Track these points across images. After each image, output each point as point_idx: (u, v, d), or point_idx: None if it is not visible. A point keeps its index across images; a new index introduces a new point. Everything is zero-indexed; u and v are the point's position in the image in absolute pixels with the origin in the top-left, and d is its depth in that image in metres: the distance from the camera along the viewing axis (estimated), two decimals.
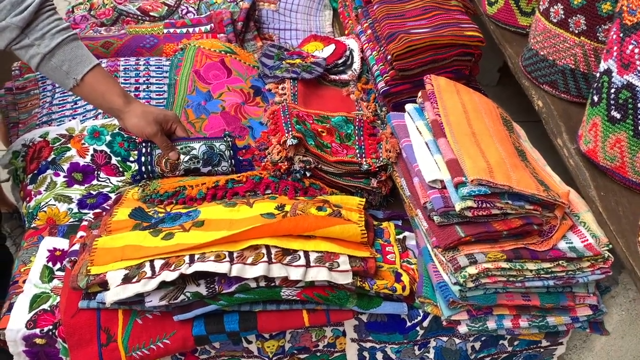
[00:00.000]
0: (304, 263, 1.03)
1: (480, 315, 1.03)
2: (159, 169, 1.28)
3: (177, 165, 1.28)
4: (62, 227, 1.26)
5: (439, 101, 1.19)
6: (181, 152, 1.28)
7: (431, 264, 1.07)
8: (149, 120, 1.23)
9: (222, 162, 1.29)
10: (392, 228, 1.23)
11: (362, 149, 1.30)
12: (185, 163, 1.27)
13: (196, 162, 1.28)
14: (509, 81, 2.31)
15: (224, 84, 1.55)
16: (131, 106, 1.23)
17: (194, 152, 1.28)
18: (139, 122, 1.22)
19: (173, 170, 1.28)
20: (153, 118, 1.23)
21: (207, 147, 1.29)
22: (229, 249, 1.04)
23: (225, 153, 1.30)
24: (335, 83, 1.61)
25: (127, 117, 1.23)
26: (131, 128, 1.25)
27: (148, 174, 1.28)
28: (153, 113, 1.25)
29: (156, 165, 1.28)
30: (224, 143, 1.31)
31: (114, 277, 1.03)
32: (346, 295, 1.04)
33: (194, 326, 1.05)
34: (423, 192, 1.08)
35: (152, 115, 1.24)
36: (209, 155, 1.28)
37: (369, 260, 1.06)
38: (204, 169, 1.29)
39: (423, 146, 1.16)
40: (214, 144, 1.29)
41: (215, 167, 1.29)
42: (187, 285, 1.03)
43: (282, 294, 1.03)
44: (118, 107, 1.22)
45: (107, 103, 1.22)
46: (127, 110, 1.23)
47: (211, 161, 1.28)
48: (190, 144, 1.29)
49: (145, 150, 1.28)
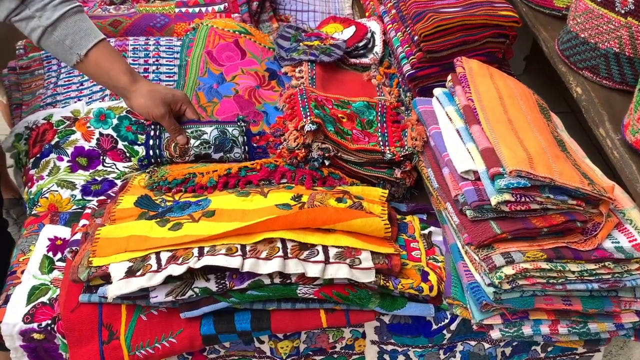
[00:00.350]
0: (322, 259, 0.94)
1: (515, 320, 0.94)
2: (168, 153, 1.20)
3: (186, 150, 1.20)
4: (64, 214, 1.19)
5: (471, 85, 1.09)
6: (191, 137, 1.20)
7: (461, 263, 0.98)
8: (157, 100, 1.15)
9: (235, 149, 1.21)
10: (416, 222, 1.14)
11: (385, 136, 1.21)
12: (196, 148, 1.19)
13: (207, 147, 1.20)
14: (535, 69, 2.21)
15: (238, 66, 1.46)
16: (138, 85, 1.15)
17: (205, 137, 1.20)
18: (146, 103, 1.15)
19: (182, 156, 1.20)
20: (161, 98, 1.16)
21: (219, 132, 1.21)
22: (242, 241, 0.95)
23: (238, 139, 1.22)
24: (356, 67, 1.52)
25: (134, 96, 1.15)
26: (137, 109, 1.17)
27: (156, 158, 1.21)
28: (161, 93, 1.17)
29: (165, 150, 1.20)
30: (237, 128, 1.22)
31: (117, 270, 0.95)
32: (368, 295, 0.96)
33: (203, 325, 0.97)
34: (454, 183, 0.99)
35: (159, 95, 1.16)
36: (221, 140, 1.20)
37: (394, 257, 0.97)
38: (215, 155, 1.21)
39: (454, 134, 1.06)
40: (226, 129, 1.22)
41: (227, 154, 1.20)
42: (196, 280, 0.95)
43: (299, 292, 0.95)
44: (124, 86, 1.15)
45: (112, 81, 1.15)
46: (133, 90, 1.15)
47: (223, 147, 1.20)
48: (201, 128, 1.21)
49: (154, 134, 1.21)
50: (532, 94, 1.18)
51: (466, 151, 1.01)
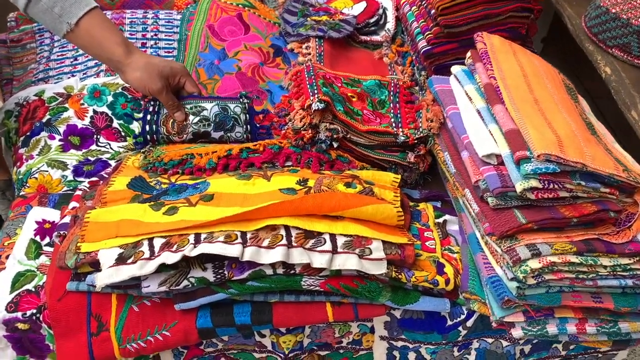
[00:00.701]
0: (329, 248, 0.86)
1: (539, 318, 0.86)
2: (165, 129, 1.13)
3: (185, 127, 1.12)
4: (53, 196, 1.11)
5: (493, 62, 1.00)
6: (190, 113, 1.13)
7: (480, 255, 0.90)
8: (153, 74, 1.07)
9: (237, 127, 1.13)
10: (430, 210, 1.06)
11: (398, 117, 1.12)
12: (194, 125, 1.12)
13: (207, 124, 1.12)
14: (554, 52, 2.11)
15: (241, 42, 1.38)
16: (133, 57, 1.08)
17: (205, 113, 1.12)
18: (142, 77, 1.07)
19: (180, 133, 1.13)
20: (158, 72, 1.08)
21: (219, 109, 1.13)
22: (242, 228, 0.88)
23: (240, 117, 1.14)
24: (366, 45, 1.43)
25: (129, 70, 1.08)
26: (133, 83, 1.10)
27: (152, 134, 1.13)
28: (158, 65, 1.09)
29: (162, 125, 1.13)
30: (239, 105, 1.15)
31: (107, 257, 0.88)
32: (378, 288, 0.88)
33: (199, 317, 0.90)
34: (474, 168, 0.91)
35: (156, 68, 1.08)
36: (222, 118, 1.12)
37: (407, 247, 0.89)
38: (215, 134, 1.13)
39: (474, 114, 0.98)
40: (227, 105, 1.14)
41: (228, 133, 1.12)
42: (192, 269, 0.87)
43: (303, 284, 0.87)
44: (118, 59, 1.07)
45: (105, 53, 1.07)
46: (128, 62, 1.07)
47: (224, 125, 1.12)
48: (201, 104, 1.13)
49: (153, 109, 1.14)
50: (558, 73, 1.09)
51: (488, 133, 0.92)
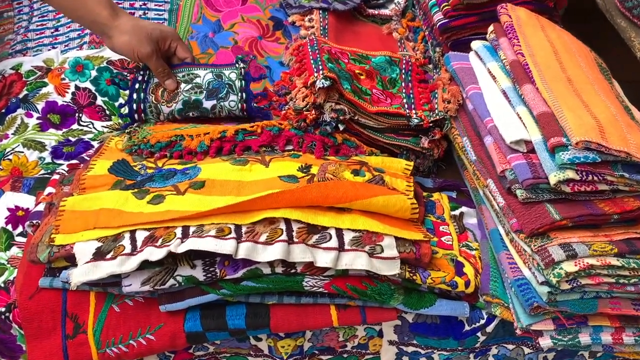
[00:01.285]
0: (335, 245, 0.76)
1: (571, 326, 0.76)
2: (154, 97, 1.03)
3: (175, 96, 1.03)
4: (28, 180, 1.00)
5: (520, 37, 0.90)
6: (182, 81, 1.03)
7: (504, 253, 0.80)
8: (142, 37, 0.98)
9: (230, 95, 1.03)
10: (445, 201, 0.95)
11: (410, 98, 1.01)
12: (185, 93, 1.02)
13: (198, 92, 1.02)
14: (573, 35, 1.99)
15: (237, 13, 1.26)
16: (120, 19, 0.98)
17: (198, 81, 1.03)
18: (130, 40, 0.97)
19: (170, 101, 1.03)
20: (147, 35, 0.99)
21: (214, 76, 1.04)
22: (236, 221, 0.77)
23: (235, 83, 1.04)
24: (374, 19, 1.31)
25: (115, 33, 0.98)
26: (120, 48, 1.00)
27: (139, 102, 1.03)
28: (147, 28, 1.00)
29: (150, 94, 1.03)
30: (234, 71, 1.05)
31: (83, 251, 0.78)
32: (390, 290, 0.78)
33: (187, 319, 0.80)
34: (500, 156, 0.80)
35: (145, 32, 0.99)
36: (215, 85, 1.03)
37: (423, 244, 0.79)
38: (207, 103, 1.02)
39: (498, 95, 0.87)
40: (222, 72, 1.05)
41: (221, 101, 1.02)
42: (179, 266, 0.77)
43: (305, 285, 0.77)
44: (103, 21, 0.97)
45: (89, 15, 0.97)
46: (114, 25, 0.97)
47: (217, 93, 1.02)
48: (194, 71, 1.04)
49: (142, 78, 1.05)
50: (590, 51, 0.98)
51: (516, 116, 0.82)
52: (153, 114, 1.04)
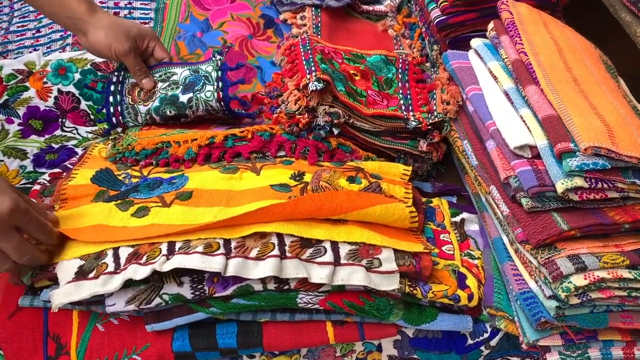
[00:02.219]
0: (331, 259, 0.72)
1: (580, 341, 0.73)
2: (131, 98, 0.99)
3: (152, 95, 0.98)
4: None
5: (522, 34, 0.85)
6: (159, 80, 0.99)
7: (509, 264, 0.76)
8: (120, 34, 0.94)
9: (206, 86, 0.98)
10: (445, 207, 0.91)
11: (407, 99, 0.97)
12: (162, 90, 0.98)
13: (175, 88, 0.98)
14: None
15: (227, 11, 1.21)
16: (97, 15, 0.95)
17: (175, 78, 0.99)
18: (107, 37, 0.93)
19: (147, 100, 0.98)
20: (124, 32, 0.95)
21: (191, 72, 1.00)
22: (225, 235, 0.73)
23: (211, 75, 0.99)
24: (368, 15, 1.27)
25: (91, 29, 0.94)
26: (96, 45, 0.95)
27: (116, 104, 0.99)
28: (124, 25, 0.96)
29: (127, 95, 0.99)
30: (211, 64, 1.01)
31: (66, 270, 0.73)
32: (389, 305, 0.74)
33: (175, 339, 0.75)
34: (503, 162, 0.76)
35: (123, 29, 0.95)
36: (192, 79, 0.99)
37: (423, 256, 0.75)
38: (184, 96, 0.97)
39: (500, 97, 0.83)
40: (199, 67, 1.01)
41: (197, 93, 0.97)
42: (165, 283, 0.73)
43: (299, 302, 0.73)
44: (79, 16, 0.93)
45: (64, 10, 0.93)
46: (90, 21, 0.93)
47: (194, 86, 0.98)
48: (171, 70, 1.00)
49: (117, 79, 1.00)
50: (595, 47, 0.94)
51: (519, 120, 0.78)
52: (131, 116, 0.99)
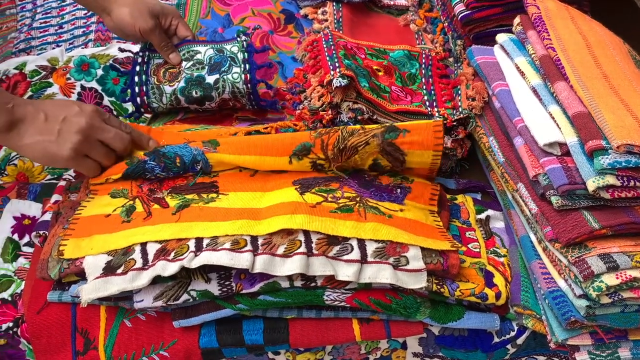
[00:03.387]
0: (357, 257, 0.72)
1: (611, 341, 0.72)
2: (156, 79, 0.99)
3: (177, 75, 0.98)
4: (34, 186, 0.97)
5: (550, 30, 0.84)
6: (183, 59, 0.99)
7: (537, 262, 0.76)
8: (143, 11, 0.95)
9: (233, 68, 0.98)
10: (470, 204, 0.91)
11: (432, 94, 0.96)
12: (187, 70, 0.98)
13: (200, 68, 0.98)
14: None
15: (248, 6, 1.21)
16: None
17: (199, 57, 0.99)
18: (132, 13, 0.94)
19: (172, 80, 0.98)
20: (148, 9, 0.96)
21: (215, 51, 0.99)
22: (251, 231, 0.73)
23: (237, 56, 0.99)
24: (389, 9, 1.26)
25: (115, 8, 0.94)
26: (121, 22, 0.95)
27: (141, 84, 0.99)
28: (147, 3, 0.97)
29: (152, 75, 0.99)
30: (235, 44, 1.00)
31: (93, 265, 0.74)
32: (416, 304, 0.74)
33: (202, 335, 0.76)
34: (532, 159, 0.75)
35: (146, 6, 0.96)
36: (217, 59, 0.98)
37: (450, 254, 0.74)
38: (210, 77, 0.97)
39: (528, 93, 0.82)
40: (224, 47, 1.00)
41: (224, 75, 0.97)
42: (193, 280, 0.73)
43: (326, 299, 0.73)
44: None
45: None
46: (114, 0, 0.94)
47: (219, 67, 0.97)
48: (194, 48, 1.00)
49: (142, 60, 1.00)
50: (623, 42, 0.92)
51: (548, 116, 0.77)
52: (156, 96, 0.98)
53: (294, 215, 0.74)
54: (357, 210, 0.77)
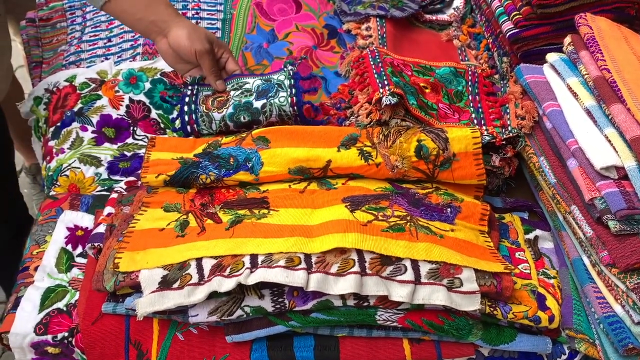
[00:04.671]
0: (411, 278, 0.72)
1: None
2: (205, 107, 1.01)
3: (225, 102, 1.00)
4: (86, 197, 0.99)
5: (603, 50, 0.83)
6: (232, 89, 1.02)
7: (591, 286, 0.75)
8: (200, 35, 0.98)
9: (280, 93, 1.00)
10: (518, 223, 0.90)
11: (479, 112, 0.96)
12: (235, 97, 1.00)
13: (248, 95, 1.00)
14: None
15: (292, 22, 1.22)
16: (180, 18, 1.00)
17: (247, 87, 1.01)
18: (189, 35, 0.97)
19: (220, 107, 1.00)
20: (205, 34, 1.00)
21: (262, 81, 1.02)
22: (305, 249, 0.74)
23: (284, 82, 1.01)
24: (431, 25, 1.26)
25: (174, 28, 0.97)
26: (177, 40, 0.98)
27: (190, 112, 1.01)
28: (204, 31, 1.01)
29: (201, 104, 1.01)
30: (283, 73, 1.03)
31: (149, 279, 0.75)
32: (468, 325, 0.74)
33: (254, 350, 0.77)
34: (588, 182, 0.75)
35: (203, 32, 1.00)
36: (265, 87, 1.01)
37: (504, 276, 0.74)
38: (258, 102, 0.98)
39: (581, 114, 0.81)
40: (271, 77, 1.03)
41: (270, 99, 0.98)
42: (247, 296, 0.74)
43: (378, 319, 0.73)
44: (164, 18, 0.97)
45: (150, 14, 0.97)
46: (175, 21, 0.98)
47: (267, 93, 0.99)
48: (243, 79, 1.03)
49: (191, 92, 1.04)
50: None
51: (604, 139, 0.76)
52: (205, 123, 1.01)
53: (346, 234, 0.75)
54: (409, 230, 0.78)
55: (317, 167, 0.86)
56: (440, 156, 0.84)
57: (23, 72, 2.14)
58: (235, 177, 0.86)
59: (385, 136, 0.85)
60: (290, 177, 0.87)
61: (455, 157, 0.84)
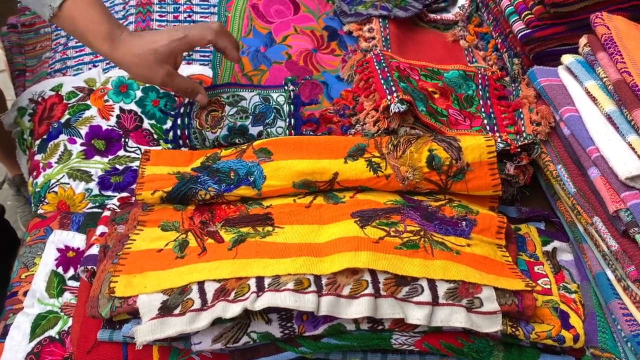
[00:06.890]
0: (429, 299, 0.67)
1: None
2: (198, 123, 0.96)
3: (220, 120, 0.95)
4: (77, 216, 0.93)
5: (622, 52, 0.79)
6: (227, 103, 0.96)
7: (617, 302, 0.71)
8: (149, 62, 0.84)
9: (278, 121, 0.95)
10: (535, 234, 0.86)
11: (491, 118, 0.92)
12: (230, 117, 0.95)
13: (244, 117, 0.95)
14: None
15: (290, 24, 1.17)
16: (118, 50, 0.84)
17: (244, 104, 0.96)
18: (140, 72, 0.85)
19: (214, 127, 0.96)
20: (154, 59, 0.84)
21: (261, 99, 0.97)
22: (314, 269, 0.69)
23: (283, 108, 0.96)
24: (435, 24, 1.21)
25: (122, 67, 0.87)
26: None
27: (183, 127, 0.97)
28: (152, 49, 0.84)
29: (195, 119, 0.96)
30: (282, 94, 0.98)
31: (148, 305, 0.70)
32: (489, 347, 0.69)
33: None
34: (612, 193, 0.70)
35: (152, 56, 0.84)
36: (262, 109, 0.95)
37: (525, 294, 0.70)
38: (254, 129, 0.94)
39: (601, 120, 0.77)
40: (270, 95, 0.98)
41: (268, 128, 0.94)
42: (253, 321, 0.69)
43: (393, 343, 0.69)
44: (105, 55, 0.85)
45: (91, 47, 0.86)
46: (115, 56, 0.85)
47: (264, 118, 0.94)
48: (240, 93, 0.98)
49: (189, 101, 1.01)
50: None
51: (627, 147, 0.72)
52: (198, 140, 0.96)
53: (357, 253, 0.70)
54: (423, 246, 0.73)
55: (324, 180, 0.81)
56: (453, 166, 0.80)
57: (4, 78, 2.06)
58: (236, 192, 0.81)
59: (394, 146, 0.81)
60: (294, 191, 0.82)
61: (469, 167, 0.80)
